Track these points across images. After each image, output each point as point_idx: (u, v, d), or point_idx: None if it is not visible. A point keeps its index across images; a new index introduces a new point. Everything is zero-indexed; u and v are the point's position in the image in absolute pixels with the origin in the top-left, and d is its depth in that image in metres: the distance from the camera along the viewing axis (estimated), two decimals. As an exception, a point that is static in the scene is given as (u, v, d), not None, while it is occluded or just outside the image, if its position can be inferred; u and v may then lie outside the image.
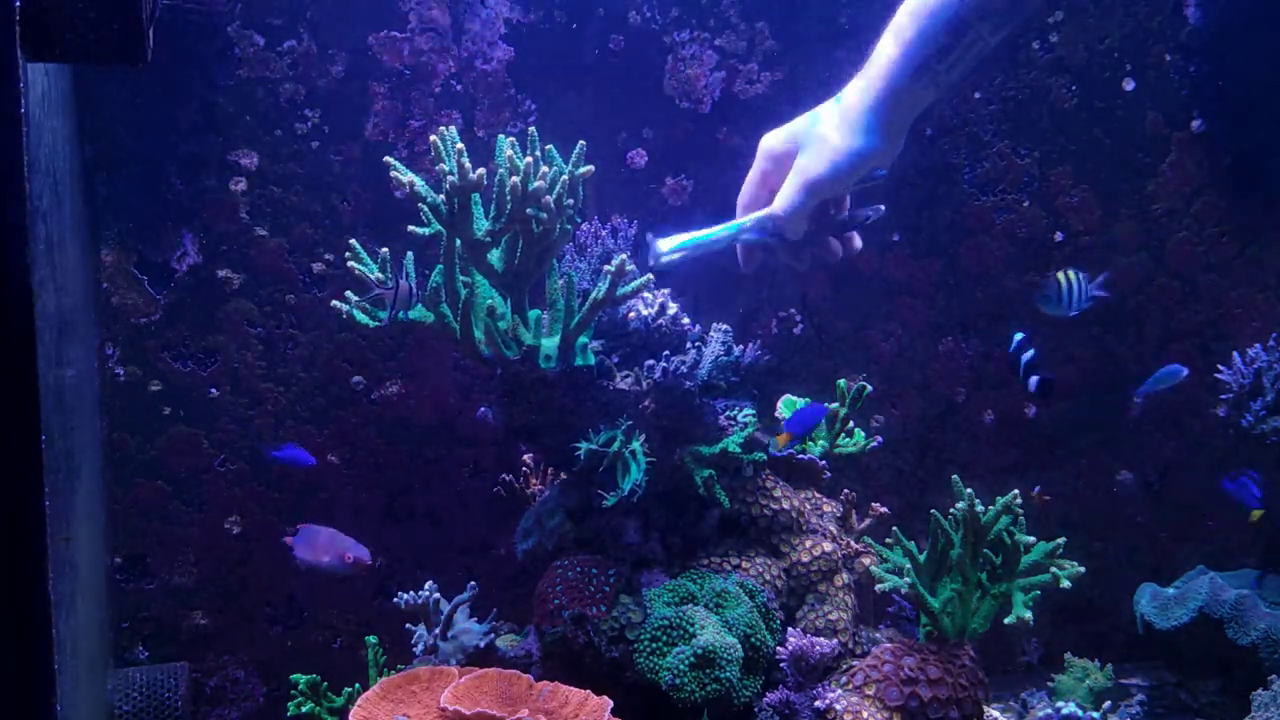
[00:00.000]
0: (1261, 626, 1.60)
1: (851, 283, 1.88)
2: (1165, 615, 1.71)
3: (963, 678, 1.40)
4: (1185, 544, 1.96)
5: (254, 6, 1.66)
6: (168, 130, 1.66)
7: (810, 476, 1.63)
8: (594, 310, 1.39)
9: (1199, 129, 1.88)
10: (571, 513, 1.48)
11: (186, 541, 1.74)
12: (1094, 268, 1.90)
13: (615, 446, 1.38)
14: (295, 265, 1.73)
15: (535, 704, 1.28)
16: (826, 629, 1.48)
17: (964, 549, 1.43)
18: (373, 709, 1.27)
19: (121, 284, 1.68)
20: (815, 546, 1.53)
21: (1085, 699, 1.73)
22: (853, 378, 1.75)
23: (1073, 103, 1.87)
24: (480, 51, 1.73)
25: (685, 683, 1.32)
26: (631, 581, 1.45)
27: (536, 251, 1.41)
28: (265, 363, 1.73)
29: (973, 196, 1.87)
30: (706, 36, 1.78)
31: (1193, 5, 1.86)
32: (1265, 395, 1.79)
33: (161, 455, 1.72)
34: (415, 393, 1.78)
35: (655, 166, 1.80)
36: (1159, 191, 1.90)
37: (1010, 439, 1.93)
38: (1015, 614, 1.41)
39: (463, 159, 1.33)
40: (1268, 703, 1.49)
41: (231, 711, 1.78)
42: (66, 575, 1.13)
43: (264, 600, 1.78)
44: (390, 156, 1.41)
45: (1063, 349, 1.92)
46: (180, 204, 1.68)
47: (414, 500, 1.80)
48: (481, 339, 1.42)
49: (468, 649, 1.46)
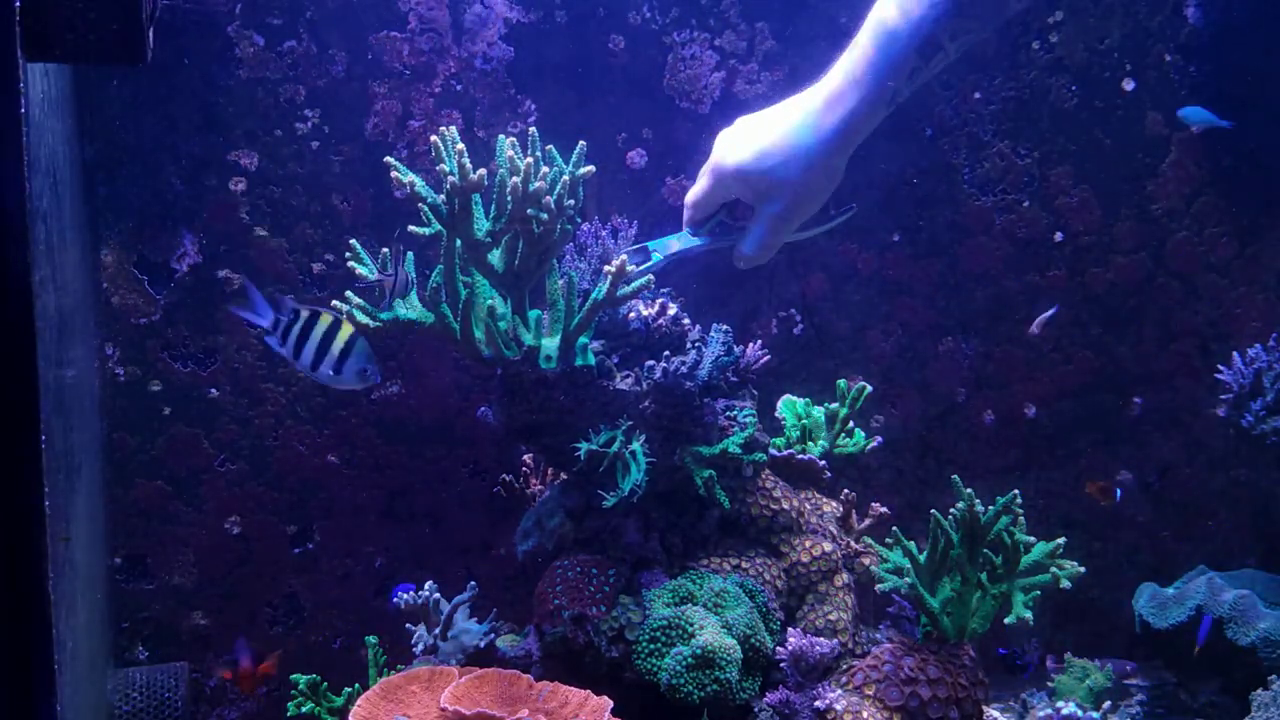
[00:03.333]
0: (1261, 626, 1.60)
1: (851, 283, 1.88)
2: (1163, 615, 1.71)
3: (962, 678, 1.40)
4: (1185, 544, 1.96)
5: (254, 6, 1.66)
6: (168, 130, 1.66)
7: (810, 476, 1.63)
8: (594, 311, 1.39)
9: (1199, 129, 1.88)
10: (572, 513, 1.48)
11: (186, 541, 1.74)
12: (1094, 268, 1.91)
13: (615, 447, 1.38)
14: (295, 265, 1.73)
15: (535, 704, 1.28)
16: (826, 629, 1.48)
17: (964, 549, 1.43)
18: (373, 709, 1.27)
19: (121, 284, 1.68)
20: (815, 546, 1.53)
21: (1085, 699, 1.73)
22: (853, 378, 1.75)
23: (1073, 103, 1.87)
24: (480, 51, 1.73)
25: (684, 683, 1.32)
26: (631, 581, 1.45)
27: (537, 252, 1.41)
28: (265, 363, 1.73)
29: (973, 197, 1.87)
30: (706, 36, 1.78)
31: (1193, 5, 1.86)
32: (1265, 395, 1.79)
33: (161, 455, 1.72)
34: (415, 393, 1.78)
35: (655, 166, 1.80)
36: (1159, 191, 1.90)
37: (1010, 439, 1.94)
38: (1015, 614, 1.41)
39: (463, 159, 1.33)
40: (1268, 703, 1.49)
41: (231, 711, 1.78)
42: (66, 575, 1.13)
43: (264, 600, 1.78)
44: (390, 156, 1.41)
45: (1062, 349, 1.92)
46: (180, 204, 1.68)
47: (414, 500, 1.80)
48: (481, 339, 1.42)
49: (468, 649, 1.46)
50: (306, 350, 1.35)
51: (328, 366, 1.35)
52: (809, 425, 1.70)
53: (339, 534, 1.79)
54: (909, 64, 1.24)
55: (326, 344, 1.35)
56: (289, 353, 1.36)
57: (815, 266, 1.87)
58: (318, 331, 1.35)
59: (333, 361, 1.35)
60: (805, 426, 1.70)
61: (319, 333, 1.35)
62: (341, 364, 1.36)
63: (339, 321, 1.37)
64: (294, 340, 1.35)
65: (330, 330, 1.35)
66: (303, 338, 1.35)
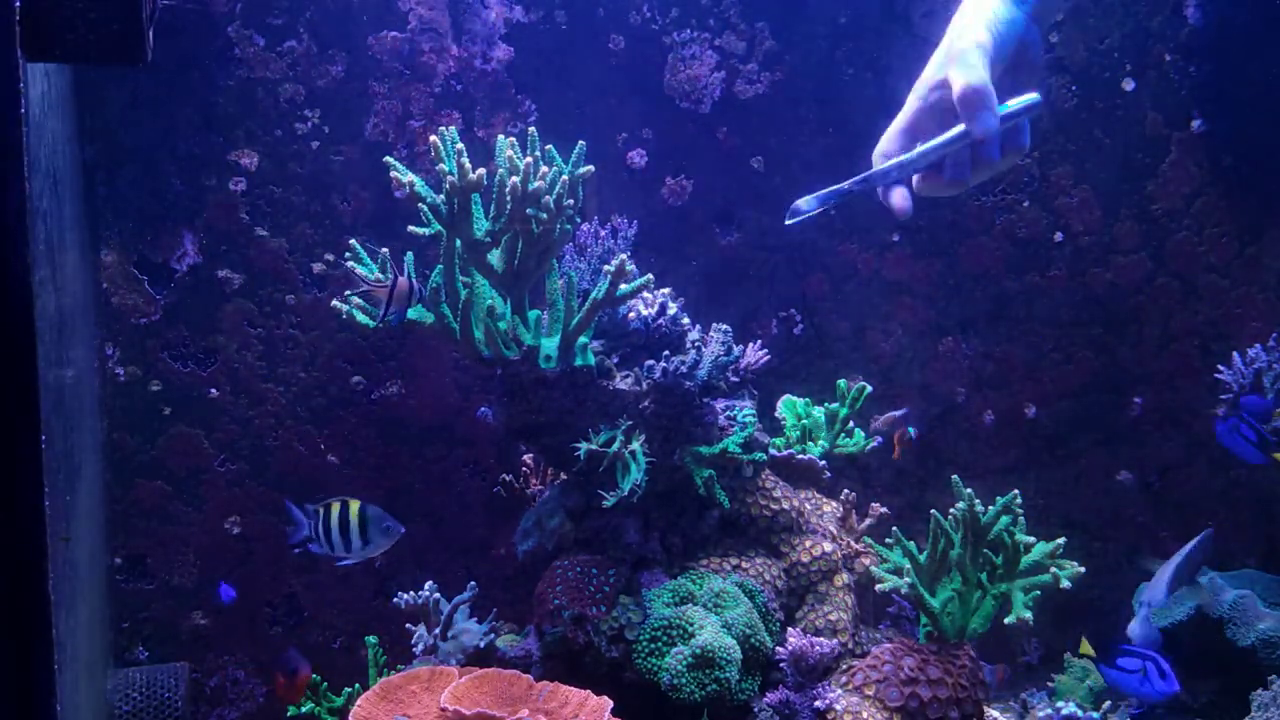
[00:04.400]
0: (1261, 627, 1.60)
1: (851, 283, 1.88)
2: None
3: (962, 678, 1.40)
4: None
5: (254, 6, 1.66)
6: (168, 130, 1.66)
7: (810, 476, 1.63)
8: (594, 311, 1.39)
9: (1199, 129, 1.88)
10: (572, 513, 1.48)
11: (186, 541, 1.74)
12: (1094, 268, 1.91)
13: (615, 447, 1.38)
14: (295, 265, 1.73)
15: (535, 704, 1.28)
16: (826, 629, 1.48)
17: (964, 549, 1.43)
18: (373, 709, 1.27)
19: (121, 284, 1.68)
20: (815, 546, 1.53)
21: (1085, 699, 1.73)
22: (853, 378, 1.75)
23: (1073, 103, 1.87)
24: (480, 51, 1.73)
25: (683, 683, 1.32)
26: (631, 581, 1.45)
27: (536, 252, 1.41)
28: (265, 363, 1.73)
29: (972, 196, 1.87)
30: (706, 36, 1.78)
31: (1193, 5, 1.86)
32: (1265, 395, 1.79)
33: (161, 455, 1.72)
34: (415, 393, 1.78)
35: (655, 166, 1.80)
36: (1159, 191, 1.90)
37: (1010, 439, 1.93)
38: (1015, 614, 1.41)
39: (463, 159, 1.33)
40: (1268, 703, 1.49)
41: (231, 711, 1.78)
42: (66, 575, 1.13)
43: (264, 600, 1.78)
44: (390, 156, 1.41)
45: (1062, 349, 1.92)
46: (180, 204, 1.68)
47: (414, 500, 1.80)
48: (481, 339, 1.42)
49: (468, 649, 1.46)
50: (337, 544, 1.39)
51: (359, 546, 1.39)
52: (809, 425, 1.70)
53: (339, 534, 1.79)
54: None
55: (345, 529, 1.39)
56: (331, 550, 1.40)
57: (815, 266, 1.87)
58: (334, 522, 1.39)
59: (357, 541, 1.39)
60: (805, 426, 1.70)
61: (335, 523, 1.39)
62: (365, 536, 1.39)
63: (343, 504, 1.40)
64: (332, 534, 1.39)
65: (341, 516, 1.39)
66: (328, 533, 1.40)
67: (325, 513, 1.38)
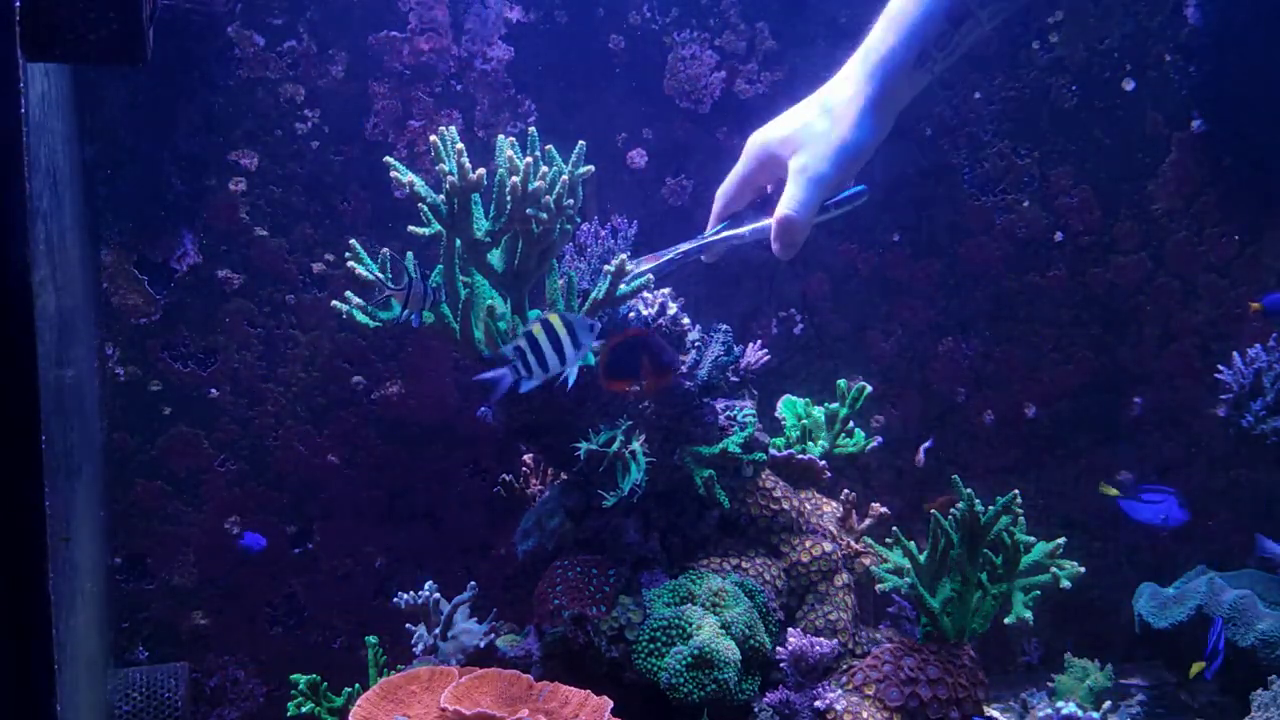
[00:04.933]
0: (1261, 627, 1.60)
1: (851, 283, 1.88)
2: (1162, 615, 1.71)
3: (962, 678, 1.40)
4: (1185, 544, 1.96)
5: (254, 6, 1.66)
6: (168, 130, 1.66)
7: (810, 476, 1.63)
8: (594, 310, 1.39)
9: (1199, 129, 1.88)
10: (572, 513, 1.48)
11: (186, 541, 1.74)
12: (1094, 268, 1.91)
13: (615, 447, 1.38)
14: (295, 265, 1.73)
15: (535, 704, 1.28)
16: (826, 629, 1.48)
17: (964, 549, 1.43)
18: (373, 709, 1.27)
19: (121, 284, 1.68)
20: (815, 546, 1.53)
21: (1085, 699, 1.73)
22: (853, 378, 1.75)
23: (1073, 103, 1.87)
24: (480, 51, 1.73)
25: (683, 683, 1.32)
26: (631, 581, 1.45)
27: (536, 252, 1.41)
28: (265, 363, 1.73)
29: (972, 196, 1.87)
30: (706, 36, 1.78)
31: (1193, 5, 1.86)
32: (1265, 395, 1.79)
33: (161, 455, 1.72)
34: (415, 393, 1.78)
35: (655, 166, 1.80)
36: (1159, 191, 1.90)
37: (1010, 439, 1.93)
38: (1015, 614, 1.41)
39: (463, 159, 1.33)
40: (1268, 703, 1.49)
41: (231, 711, 1.78)
42: (66, 575, 1.13)
43: (264, 600, 1.78)
44: (390, 156, 1.41)
45: (1062, 349, 1.92)
46: (180, 204, 1.68)
47: (414, 500, 1.80)
48: (481, 339, 1.42)
49: (468, 649, 1.46)
50: (552, 364, 1.29)
51: (573, 355, 1.29)
52: (809, 425, 1.70)
53: (339, 534, 1.79)
54: (939, 26, 1.24)
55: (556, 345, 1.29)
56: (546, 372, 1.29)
57: (815, 266, 1.87)
58: (545, 345, 1.29)
59: (571, 351, 1.29)
60: (805, 426, 1.70)
61: (545, 345, 1.29)
62: (575, 341, 1.29)
63: (542, 322, 1.30)
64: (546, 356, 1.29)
65: (548, 333, 1.29)
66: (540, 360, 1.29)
67: (530, 341, 1.28)
